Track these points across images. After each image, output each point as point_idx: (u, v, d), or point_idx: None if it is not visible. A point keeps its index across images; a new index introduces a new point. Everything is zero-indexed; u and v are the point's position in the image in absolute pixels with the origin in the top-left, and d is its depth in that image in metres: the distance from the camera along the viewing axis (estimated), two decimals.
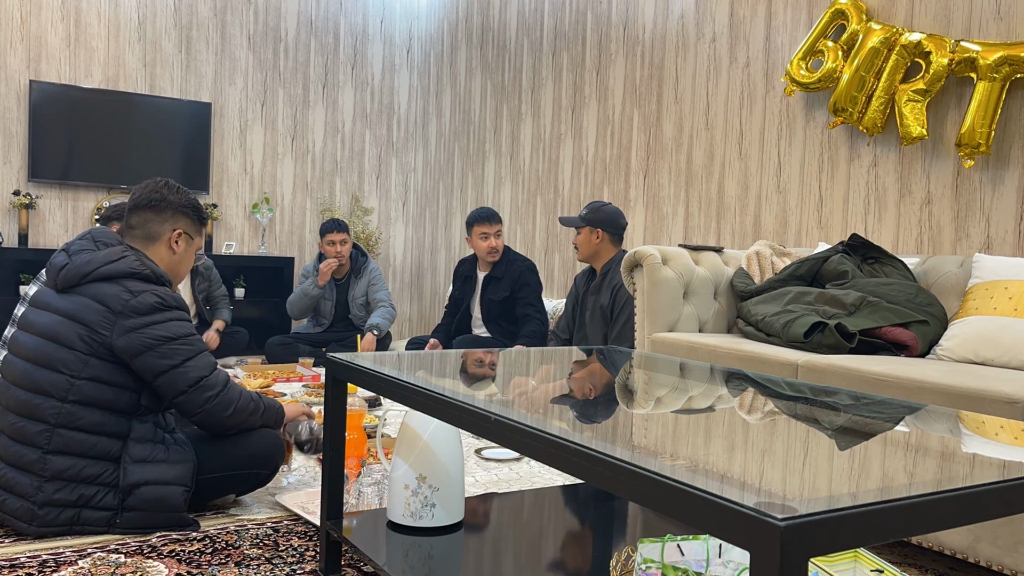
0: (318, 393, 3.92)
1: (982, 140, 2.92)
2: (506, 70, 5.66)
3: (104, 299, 2.07)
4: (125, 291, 2.09)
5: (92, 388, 2.05)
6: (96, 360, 2.06)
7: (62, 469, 2.02)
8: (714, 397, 1.60)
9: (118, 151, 5.59)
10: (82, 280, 2.10)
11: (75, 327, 2.06)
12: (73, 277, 2.10)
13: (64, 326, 2.06)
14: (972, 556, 1.95)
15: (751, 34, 3.92)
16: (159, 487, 2.07)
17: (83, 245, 2.18)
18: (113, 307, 2.07)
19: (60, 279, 2.12)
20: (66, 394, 2.03)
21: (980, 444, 1.27)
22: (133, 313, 2.07)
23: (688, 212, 4.24)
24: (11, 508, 2.03)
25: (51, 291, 2.15)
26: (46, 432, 2.02)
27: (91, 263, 2.11)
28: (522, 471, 2.81)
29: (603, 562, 1.66)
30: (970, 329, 2.52)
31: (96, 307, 2.07)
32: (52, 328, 2.07)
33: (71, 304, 2.09)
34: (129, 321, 2.06)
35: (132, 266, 2.13)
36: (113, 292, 2.08)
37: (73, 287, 2.11)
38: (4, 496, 2.05)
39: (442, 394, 1.39)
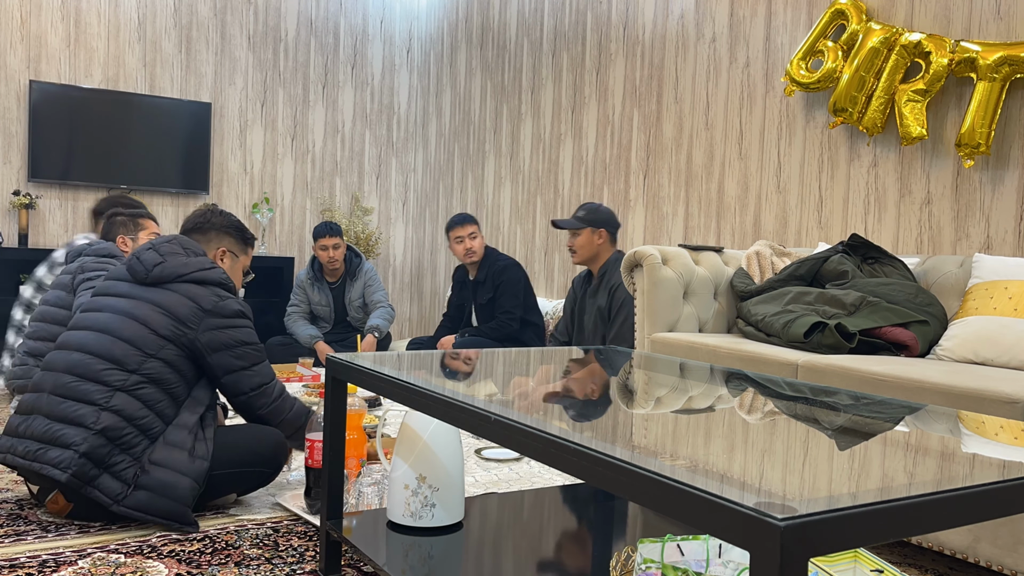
0: (318, 393, 3.92)
1: (982, 140, 2.93)
2: (506, 70, 5.66)
3: (196, 297, 2.31)
4: (214, 295, 2.34)
5: (160, 368, 2.23)
6: (172, 347, 2.26)
7: (112, 426, 2.14)
8: (714, 397, 1.60)
9: (118, 151, 5.59)
10: (177, 278, 2.33)
11: (163, 316, 2.27)
12: (169, 275, 2.33)
13: (152, 312, 2.27)
14: (972, 556, 1.96)
15: (751, 34, 3.92)
16: (174, 473, 2.16)
17: (174, 249, 2.41)
18: (204, 306, 2.31)
19: (154, 273, 2.33)
20: (138, 367, 2.21)
21: (980, 444, 1.27)
22: (220, 314, 2.32)
23: (688, 212, 4.25)
24: (50, 457, 2.12)
25: (127, 284, 2.36)
26: (107, 392, 2.17)
27: (188, 266, 2.36)
28: (522, 471, 2.81)
29: (603, 562, 1.66)
30: (970, 329, 2.52)
31: (187, 303, 2.30)
32: (138, 310, 2.27)
33: (160, 296, 2.30)
34: (215, 320, 2.31)
35: (221, 277, 2.40)
36: (204, 294, 2.33)
37: (166, 283, 2.33)
38: (45, 448, 2.13)
39: (442, 394, 1.39)
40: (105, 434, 2.12)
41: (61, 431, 2.13)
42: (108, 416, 2.13)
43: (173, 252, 2.38)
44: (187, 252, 2.42)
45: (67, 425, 2.14)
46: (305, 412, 2.47)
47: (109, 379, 2.18)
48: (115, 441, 2.13)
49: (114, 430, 2.13)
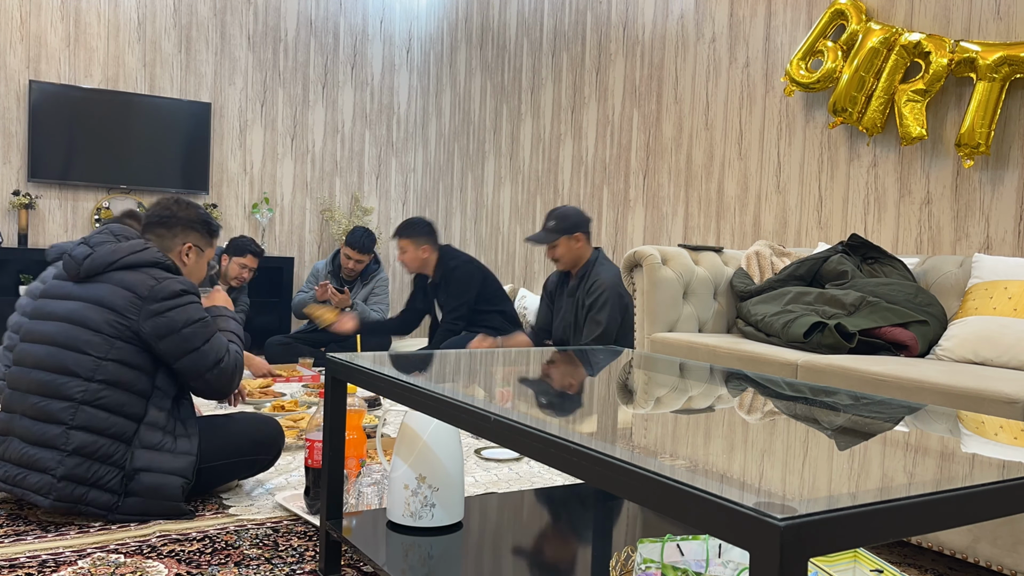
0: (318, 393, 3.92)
1: (982, 140, 2.93)
2: (506, 70, 5.66)
3: (131, 285, 2.20)
4: (150, 278, 2.22)
5: (116, 369, 2.16)
6: (121, 342, 2.18)
7: (83, 444, 2.11)
8: (714, 397, 1.60)
9: (118, 151, 5.59)
10: (107, 268, 2.23)
11: (102, 312, 2.18)
12: (99, 265, 2.23)
13: (91, 311, 2.18)
14: (972, 556, 1.96)
15: (751, 34, 3.92)
16: (160, 475, 2.17)
17: (104, 238, 2.31)
18: (140, 292, 2.20)
19: (84, 268, 2.23)
20: (93, 373, 2.14)
21: (979, 444, 1.27)
22: (158, 297, 2.20)
23: (688, 212, 4.25)
24: (30, 483, 2.12)
25: (68, 283, 2.27)
26: (71, 408, 2.13)
27: (117, 252, 2.24)
28: (522, 471, 2.81)
29: (603, 562, 1.67)
30: (969, 329, 2.52)
31: (123, 293, 2.19)
32: (78, 313, 2.19)
33: (96, 291, 2.21)
34: (154, 305, 2.20)
35: (156, 256, 2.28)
36: (139, 279, 2.22)
37: (98, 275, 2.23)
38: (24, 472, 2.13)
39: (442, 394, 1.39)
40: (80, 453, 2.11)
41: (36, 455, 2.11)
42: (78, 435, 2.11)
43: (102, 242, 2.29)
44: (117, 238, 2.31)
45: (41, 448, 2.12)
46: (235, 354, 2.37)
47: (70, 392, 2.13)
48: (92, 456, 2.12)
49: (87, 447, 2.11)
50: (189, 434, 2.26)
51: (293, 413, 3.37)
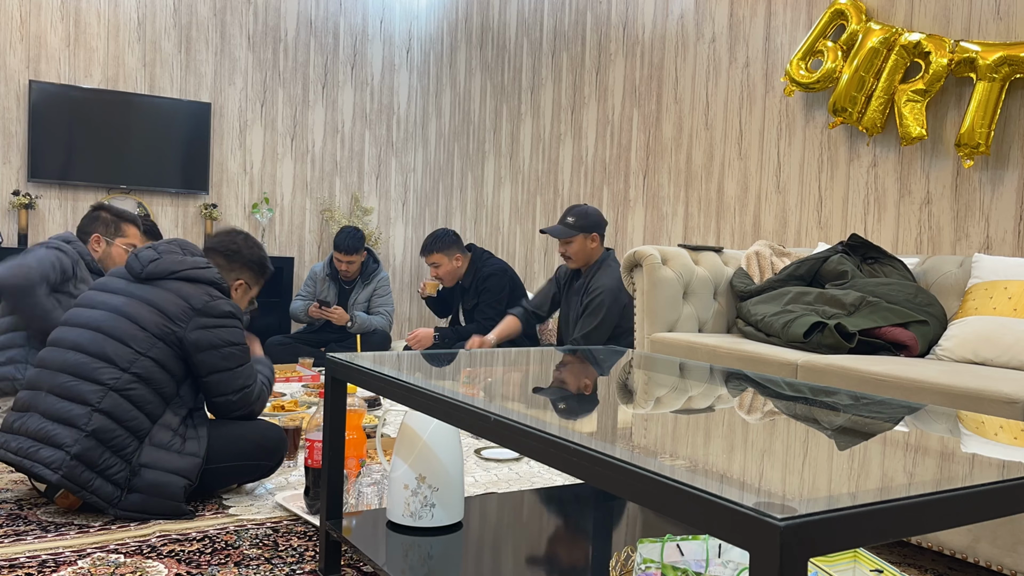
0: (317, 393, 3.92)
1: (981, 140, 2.93)
2: (506, 70, 5.66)
3: (186, 296, 2.32)
4: (206, 294, 2.35)
5: (151, 367, 2.24)
6: (163, 344, 2.27)
7: (103, 428, 2.15)
8: (714, 397, 1.60)
9: (118, 151, 5.59)
10: (170, 275, 2.35)
11: (153, 312, 2.28)
12: (163, 271, 2.35)
13: (143, 308, 2.29)
14: (972, 556, 1.96)
15: (751, 34, 3.92)
16: (163, 474, 2.20)
17: (171, 248, 2.43)
18: (194, 304, 2.31)
19: (148, 269, 2.35)
20: (129, 365, 2.22)
21: (980, 444, 1.27)
22: (210, 313, 2.32)
23: (688, 212, 4.25)
24: (42, 456, 2.14)
25: (122, 281, 2.38)
26: (100, 392, 2.18)
27: (183, 263, 2.38)
28: (522, 471, 2.81)
29: (603, 562, 1.66)
30: (969, 329, 2.52)
31: (178, 301, 2.31)
32: (130, 307, 2.29)
33: (152, 293, 2.32)
34: (204, 319, 2.31)
35: (215, 276, 2.41)
36: (195, 292, 2.34)
37: (159, 279, 2.35)
38: (38, 446, 2.15)
39: (442, 394, 1.39)
40: (96, 436, 2.15)
41: (55, 430, 2.15)
42: (99, 418, 2.16)
43: (170, 251, 2.41)
44: (184, 252, 2.43)
45: (60, 425, 2.16)
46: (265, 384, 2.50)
47: (102, 377, 2.20)
48: (106, 443, 2.16)
49: (105, 432, 2.15)
50: (199, 436, 2.29)
51: (293, 413, 3.37)
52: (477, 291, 4.36)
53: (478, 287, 4.36)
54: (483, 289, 4.34)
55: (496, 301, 4.32)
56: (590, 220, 3.72)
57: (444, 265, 4.37)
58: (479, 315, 4.33)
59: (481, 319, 4.32)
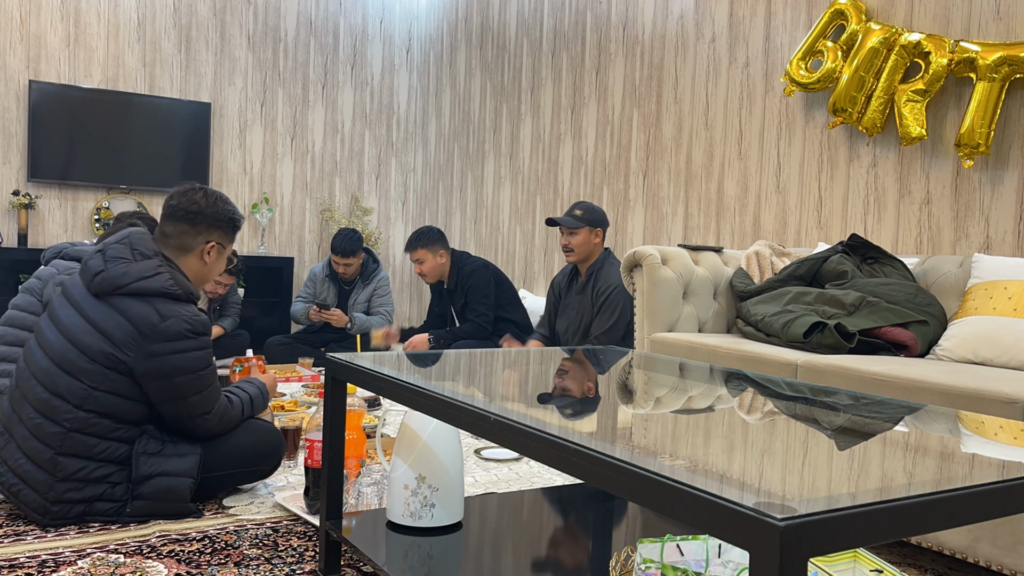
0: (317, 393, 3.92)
1: (981, 140, 2.93)
2: (505, 70, 5.66)
3: (133, 319, 2.11)
4: (155, 313, 2.13)
5: (108, 400, 2.12)
6: (115, 375, 2.12)
7: (73, 471, 2.10)
8: (713, 397, 1.60)
9: (118, 151, 5.59)
10: (115, 291, 2.14)
11: (101, 340, 2.11)
12: (108, 287, 2.14)
13: (91, 337, 2.11)
14: (972, 556, 1.96)
15: (751, 34, 3.92)
16: (169, 478, 2.18)
17: (120, 252, 2.20)
18: (141, 329, 2.11)
19: (94, 285, 2.16)
20: (82, 402, 2.10)
21: (980, 444, 1.27)
22: (159, 338, 2.12)
23: (688, 212, 4.25)
24: (26, 499, 2.12)
25: (83, 290, 2.19)
26: (60, 435, 2.10)
27: (126, 276, 2.14)
28: (522, 471, 2.81)
29: (603, 562, 1.66)
30: (969, 329, 2.52)
31: (125, 325, 2.11)
32: (79, 336, 2.12)
33: (100, 315, 2.13)
34: (154, 346, 2.12)
35: (165, 285, 2.16)
36: (143, 312, 2.12)
37: (106, 295, 2.15)
38: (21, 485, 2.13)
39: (442, 394, 1.39)
40: (71, 479, 2.10)
41: (31, 473, 2.10)
42: (67, 462, 2.10)
43: (116, 257, 2.18)
44: (134, 254, 2.20)
45: (33, 465, 2.11)
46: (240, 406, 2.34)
47: (60, 418, 2.09)
48: (85, 480, 2.12)
49: (78, 472, 2.11)
50: None
51: (293, 413, 3.37)
52: (463, 290, 4.37)
53: (463, 286, 4.37)
54: (469, 287, 4.34)
55: (484, 296, 4.32)
56: (596, 215, 3.76)
57: (428, 261, 4.37)
58: (471, 313, 4.33)
59: (474, 316, 4.31)
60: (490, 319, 4.32)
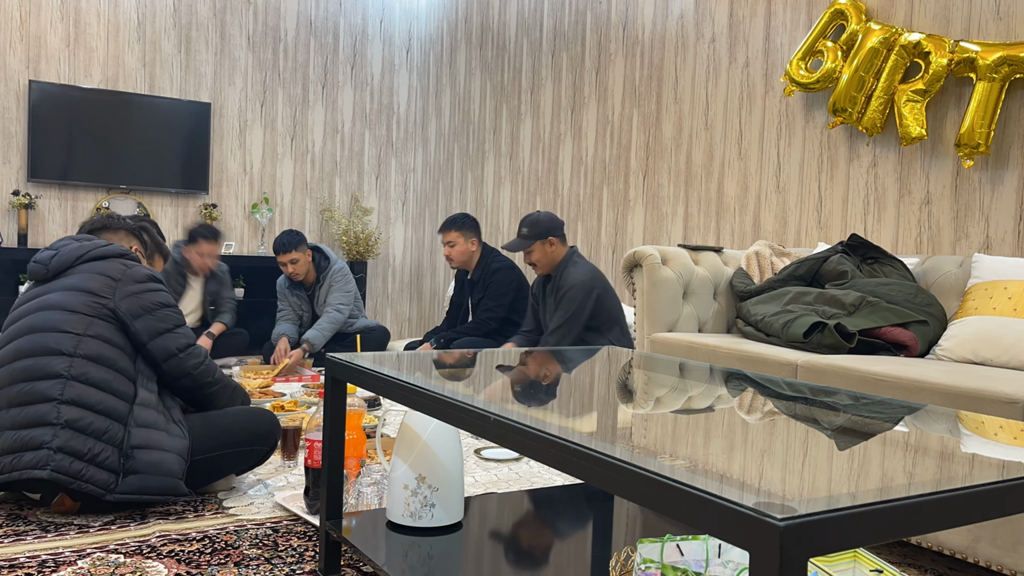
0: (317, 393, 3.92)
1: (981, 140, 2.93)
2: (505, 70, 5.66)
3: (103, 270, 2.31)
4: (121, 264, 2.34)
5: (97, 345, 2.22)
6: (99, 320, 2.25)
7: (75, 418, 2.14)
8: (713, 397, 1.60)
9: (117, 151, 5.59)
10: (76, 262, 2.33)
11: (78, 295, 2.26)
12: (68, 260, 2.33)
13: (66, 295, 2.26)
14: (972, 556, 1.96)
15: (750, 34, 3.92)
16: (158, 452, 2.20)
17: (66, 241, 2.40)
18: (113, 275, 2.31)
19: (52, 265, 2.33)
20: (75, 349, 2.20)
21: (979, 444, 1.27)
22: (131, 280, 2.32)
23: (688, 212, 4.25)
24: (26, 461, 2.11)
25: (34, 287, 2.35)
26: (59, 384, 2.16)
27: (83, 248, 2.35)
28: (522, 471, 2.81)
29: (603, 562, 1.66)
30: (969, 329, 2.52)
31: (97, 277, 2.29)
32: (53, 299, 2.26)
33: (69, 280, 2.30)
34: (129, 287, 2.30)
35: (121, 248, 2.39)
36: (110, 266, 2.33)
37: (67, 270, 2.33)
38: (18, 456, 2.12)
39: (441, 394, 1.39)
40: (72, 427, 2.12)
41: (29, 435, 2.12)
42: (68, 409, 2.14)
43: (65, 243, 2.39)
44: (80, 240, 2.41)
45: (32, 428, 2.13)
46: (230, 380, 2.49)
47: (56, 369, 2.16)
48: (85, 431, 2.13)
49: (78, 421, 2.13)
50: (178, 420, 2.30)
51: (293, 413, 3.37)
52: (485, 285, 4.38)
53: (486, 281, 4.38)
54: (491, 283, 4.35)
55: (500, 295, 4.33)
56: (542, 227, 3.75)
57: (459, 245, 4.39)
58: (482, 308, 4.34)
59: (483, 312, 4.32)
60: (497, 319, 4.32)
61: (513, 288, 4.37)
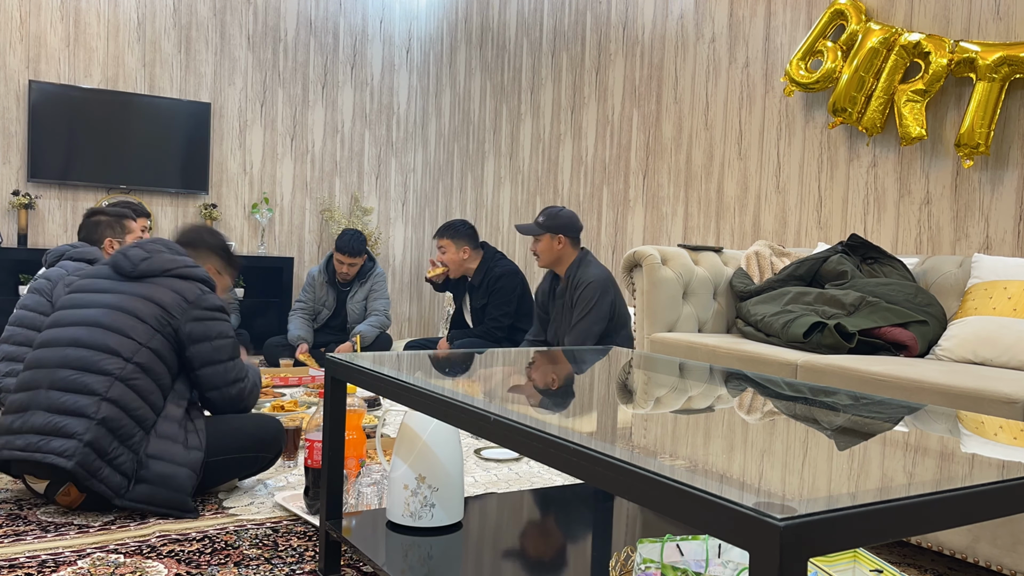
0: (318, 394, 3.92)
1: (981, 140, 2.93)
2: (505, 70, 5.66)
3: (181, 290, 2.39)
4: (198, 289, 2.42)
5: (151, 357, 2.29)
6: (160, 336, 2.32)
7: (111, 417, 2.19)
8: (713, 397, 1.60)
9: (117, 151, 5.59)
10: (163, 272, 2.41)
11: (150, 306, 2.34)
12: (156, 269, 2.41)
13: (140, 303, 2.34)
14: (971, 556, 1.96)
15: (750, 34, 3.92)
16: (170, 465, 2.23)
17: (158, 248, 2.48)
18: (187, 297, 2.39)
19: (141, 267, 2.40)
20: (132, 355, 2.27)
21: (979, 444, 1.27)
22: (203, 306, 2.40)
23: (687, 212, 4.25)
24: (55, 446, 2.14)
25: (109, 281, 2.41)
26: (107, 382, 2.22)
27: (174, 261, 2.44)
28: (522, 471, 2.81)
29: (603, 562, 1.67)
30: (969, 329, 2.52)
31: (173, 294, 2.37)
32: (127, 302, 2.33)
33: (146, 289, 2.37)
34: (198, 312, 2.38)
35: (205, 275, 2.49)
36: (188, 287, 2.41)
37: (152, 276, 2.40)
38: (47, 439, 2.15)
39: (441, 394, 1.39)
40: (106, 424, 2.17)
41: (63, 422, 2.16)
42: (107, 407, 2.18)
43: (158, 251, 2.47)
44: (171, 251, 2.50)
45: (68, 416, 2.17)
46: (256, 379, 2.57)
47: (108, 368, 2.23)
48: (115, 432, 2.18)
49: (113, 420, 2.18)
50: (198, 430, 2.32)
51: (293, 413, 3.37)
52: (487, 291, 4.36)
53: (489, 287, 4.36)
54: (494, 290, 4.33)
55: (506, 303, 4.31)
56: (558, 222, 3.73)
57: (449, 252, 4.41)
58: (488, 316, 4.33)
59: (489, 321, 4.32)
60: (504, 327, 4.31)
61: (517, 295, 4.36)
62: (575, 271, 3.73)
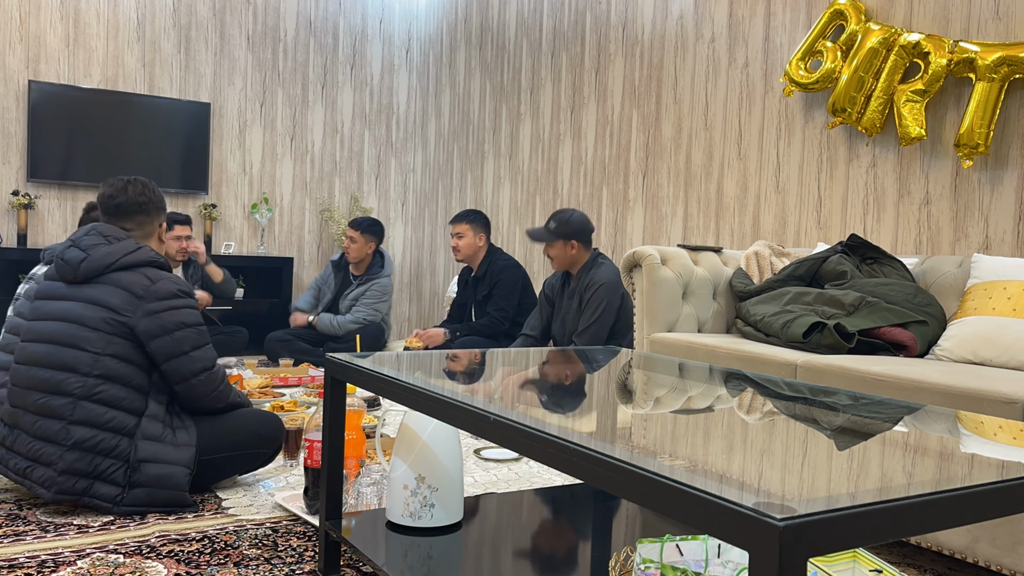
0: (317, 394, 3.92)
1: (981, 140, 2.93)
2: (505, 71, 5.66)
3: (127, 285, 2.26)
4: (145, 278, 2.28)
5: (114, 364, 2.22)
6: (118, 339, 2.23)
7: (83, 439, 2.16)
8: (713, 397, 1.60)
9: (117, 151, 5.59)
10: (105, 270, 2.28)
11: (99, 311, 2.23)
12: (96, 268, 2.27)
13: (88, 309, 2.24)
14: (971, 556, 1.96)
15: (750, 34, 3.92)
16: (165, 465, 2.23)
17: (95, 240, 2.33)
18: (136, 292, 2.25)
19: (81, 271, 2.27)
20: (91, 369, 2.19)
21: (979, 444, 1.27)
22: (154, 298, 2.27)
23: (687, 212, 4.25)
24: (36, 476, 2.18)
25: (62, 284, 2.31)
26: (70, 404, 2.17)
27: (112, 254, 2.29)
28: (521, 471, 2.82)
29: (602, 562, 1.67)
30: (968, 329, 2.52)
31: (119, 292, 2.25)
32: (75, 312, 2.24)
33: (93, 291, 2.26)
34: (150, 305, 2.26)
35: (150, 255, 2.33)
36: (134, 279, 2.27)
37: (95, 277, 2.28)
38: (32, 465, 2.19)
39: (441, 394, 1.39)
40: (79, 447, 2.15)
41: (41, 449, 2.18)
42: (77, 429, 2.16)
43: (94, 244, 2.32)
44: (108, 240, 2.35)
45: (44, 442, 2.18)
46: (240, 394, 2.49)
47: (70, 388, 2.18)
48: (93, 450, 2.17)
49: (86, 441, 2.16)
50: (186, 425, 2.32)
51: (293, 413, 3.37)
52: (491, 282, 4.41)
53: (492, 278, 4.41)
54: (497, 281, 4.39)
55: (510, 293, 4.36)
56: (571, 228, 3.74)
57: (467, 237, 4.45)
58: (492, 307, 4.37)
59: (493, 311, 4.35)
60: (509, 317, 4.35)
61: (519, 287, 4.40)
62: (588, 272, 3.75)
